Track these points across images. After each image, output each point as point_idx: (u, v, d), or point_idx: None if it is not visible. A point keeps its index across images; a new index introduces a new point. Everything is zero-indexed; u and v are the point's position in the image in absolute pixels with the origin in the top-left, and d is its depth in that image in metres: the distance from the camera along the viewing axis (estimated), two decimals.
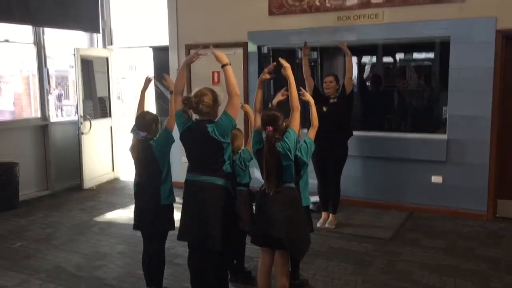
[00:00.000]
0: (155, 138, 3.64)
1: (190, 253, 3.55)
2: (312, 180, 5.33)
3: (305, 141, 3.36)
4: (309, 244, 3.45)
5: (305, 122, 3.98)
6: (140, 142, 3.60)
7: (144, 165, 3.62)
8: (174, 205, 3.74)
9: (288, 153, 3.22)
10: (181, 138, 3.46)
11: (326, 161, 5.35)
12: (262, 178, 3.38)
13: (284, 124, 3.35)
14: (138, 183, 3.76)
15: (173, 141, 3.63)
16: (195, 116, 3.47)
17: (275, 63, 3.71)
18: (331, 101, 5.26)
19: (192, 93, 3.39)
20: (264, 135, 3.30)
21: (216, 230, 3.30)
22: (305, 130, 3.59)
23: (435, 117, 6.44)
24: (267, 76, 3.58)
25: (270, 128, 3.22)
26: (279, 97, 3.65)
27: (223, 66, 3.38)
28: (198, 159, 3.41)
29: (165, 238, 3.79)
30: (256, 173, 6.20)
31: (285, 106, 3.53)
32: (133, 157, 3.68)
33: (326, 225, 5.36)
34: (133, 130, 3.74)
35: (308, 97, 3.61)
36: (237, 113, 3.37)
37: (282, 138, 3.26)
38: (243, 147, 3.88)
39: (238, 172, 3.64)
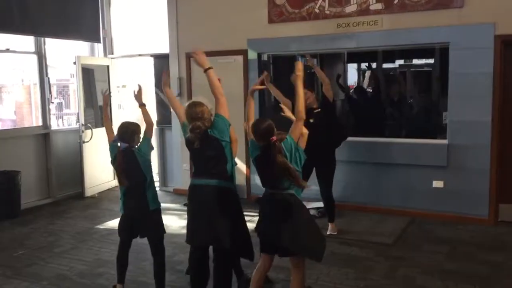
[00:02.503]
0: (136, 147, 3.73)
1: (197, 255, 3.62)
2: (315, 186, 5.37)
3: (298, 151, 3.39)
4: (323, 243, 3.43)
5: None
6: (122, 153, 3.68)
7: (129, 174, 3.70)
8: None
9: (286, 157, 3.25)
10: (187, 145, 3.57)
11: (310, 170, 5.29)
12: (263, 185, 3.43)
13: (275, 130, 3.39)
14: (125, 194, 3.83)
15: (153, 148, 3.81)
16: None
17: (266, 73, 3.83)
18: (315, 111, 5.19)
19: (194, 117, 3.43)
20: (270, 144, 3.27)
21: (224, 231, 3.37)
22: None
23: (435, 123, 6.46)
24: (258, 87, 3.70)
25: (274, 137, 3.24)
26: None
27: (206, 70, 3.49)
28: (201, 163, 3.51)
29: (162, 244, 3.84)
30: (257, 180, 6.21)
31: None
32: (116, 169, 3.73)
33: (328, 233, 5.35)
34: (113, 142, 3.81)
35: (288, 113, 3.59)
36: (227, 112, 3.48)
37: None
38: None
39: None
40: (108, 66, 8.09)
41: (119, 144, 3.73)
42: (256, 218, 3.54)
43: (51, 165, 7.34)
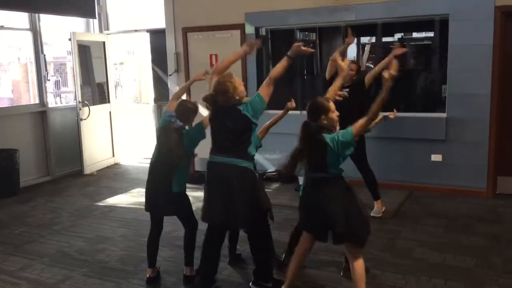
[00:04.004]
0: (188, 128, 3.64)
1: (211, 234, 3.54)
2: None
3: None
4: (369, 228, 3.29)
5: None
6: (174, 129, 3.54)
7: (169, 150, 3.53)
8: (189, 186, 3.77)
9: (335, 146, 3.09)
10: (211, 120, 3.44)
11: None
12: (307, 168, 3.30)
13: (329, 117, 3.17)
14: (153, 164, 3.71)
15: (204, 137, 3.59)
16: None
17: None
18: (344, 89, 4.79)
19: (211, 87, 3.35)
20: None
21: (242, 211, 3.30)
22: None
23: (434, 96, 6.41)
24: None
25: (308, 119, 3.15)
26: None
27: (287, 56, 3.39)
28: (225, 141, 3.37)
29: (191, 220, 3.77)
30: (256, 156, 6.20)
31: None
32: (162, 139, 3.58)
33: (372, 214, 5.09)
34: (170, 116, 3.65)
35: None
36: (269, 97, 3.35)
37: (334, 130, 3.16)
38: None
39: None
40: (104, 42, 8.00)
41: (176, 121, 3.59)
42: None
43: (49, 143, 7.32)
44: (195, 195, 4.49)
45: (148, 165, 3.78)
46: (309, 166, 3.26)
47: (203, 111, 3.67)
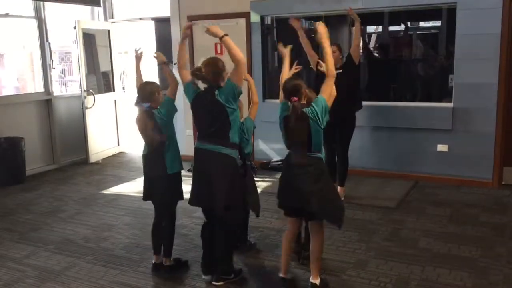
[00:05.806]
0: (158, 107, 3.65)
1: (206, 219, 3.67)
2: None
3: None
4: (343, 210, 3.39)
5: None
6: (144, 113, 3.60)
7: (147, 137, 3.63)
8: (185, 174, 3.79)
9: (317, 118, 3.16)
10: (192, 107, 3.51)
11: (334, 133, 5.18)
12: (287, 147, 3.37)
13: (307, 90, 3.29)
14: (145, 155, 3.78)
15: (176, 110, 3.66)
16: (202, 85, 3.49)
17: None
18: (337, 71, 5.05)
19: (200, 64, 3.39)
20: (290, 105, 3.18)
21: (221, 197, 3.36)
22: None
23: (441, 86, 6.36)
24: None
25: (295, 98, 3.15)
26: (292, 71, 3.64)
27: (221, 38, 3.35)
28: (206, 126, 3.45)
29: (173, 208, 3.82)
30: (260, 145, 6.20)
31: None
32: (138, 128, 3.65)
33: None
34: (137, 103, 3.72)
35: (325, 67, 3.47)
36: (242, 80, 3.37)
37: (311, 104, 3.21)
38: (244, 117, 3.86)
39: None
40: (109, 31, 7.97)
41: (142, 104, 3.63)
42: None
43: (54, 131, 7.34)
44: None
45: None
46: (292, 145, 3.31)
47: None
